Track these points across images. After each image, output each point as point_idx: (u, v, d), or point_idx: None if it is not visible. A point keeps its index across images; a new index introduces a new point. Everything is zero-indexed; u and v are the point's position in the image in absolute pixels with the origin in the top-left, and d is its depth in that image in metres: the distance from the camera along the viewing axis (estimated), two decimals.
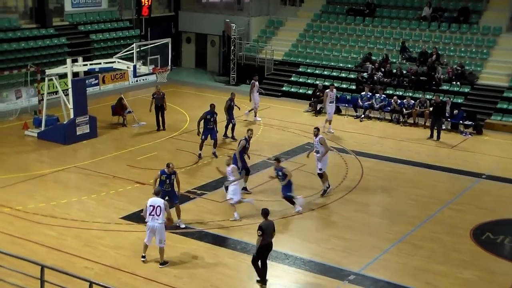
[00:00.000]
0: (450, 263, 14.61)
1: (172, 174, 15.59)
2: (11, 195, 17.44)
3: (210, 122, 20.90)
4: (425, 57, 29.46)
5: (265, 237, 13.02)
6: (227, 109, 23.02)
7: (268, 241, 13.15)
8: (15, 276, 11.45)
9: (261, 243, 13.01)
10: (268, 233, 13.13)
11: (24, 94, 27.32)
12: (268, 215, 13.42)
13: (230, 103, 23.15)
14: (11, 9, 30.75)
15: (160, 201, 13.77)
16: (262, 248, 13.10)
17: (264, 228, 13.04)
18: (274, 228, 13.38)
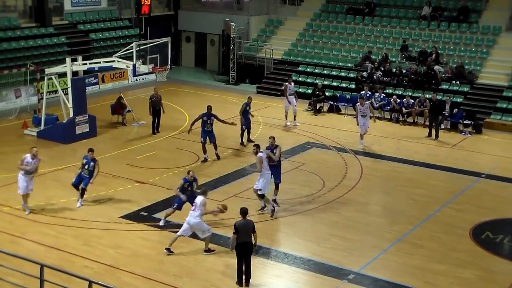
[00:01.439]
0: (449, 262, 14.61)
1: (193, 181, 15.85)
2: (11, 194, 17.42)
3: (207, 124, 20.63)
4: (425, 56, 29.47)
5: (240, 236, 12.96)
6: (242, 112, 22.49)
7: (243, 240, 13.02)
8: (15, 275, 11.45)
9: (237, 241, 12.99)
10: (244, 232, 13.01)
11: (23, 93, 27.33)
12: (247, 215, 13.32)
13: (245, 107, 22.49)
14: (11, 8, 30.72)
15: (199, 198, 14.36)
16: (238, 247, 13.05)
17: (238, 226, 13.00)
18: (254, 228, 13.25)
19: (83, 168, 16.73)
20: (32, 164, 16.22)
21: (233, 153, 21.88)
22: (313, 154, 22.13)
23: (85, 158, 16.84)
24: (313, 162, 21.06)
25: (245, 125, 22.50)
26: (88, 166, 16.66)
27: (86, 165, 16.69)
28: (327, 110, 28.20)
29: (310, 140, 23.71)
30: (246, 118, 22.48)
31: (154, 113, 23.84)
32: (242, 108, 22.58)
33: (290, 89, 25.57)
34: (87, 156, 16.83)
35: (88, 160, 16.73)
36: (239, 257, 13.14)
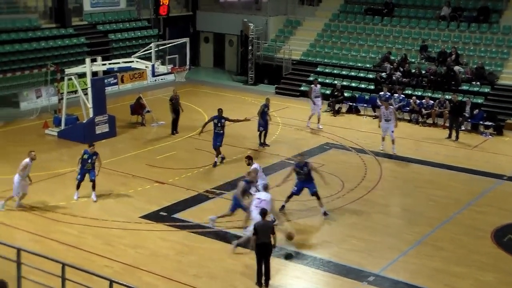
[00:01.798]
0: (470, 265, 14.49)
1: (251, 182, 15.73)
2: (32, 194, 17.55)
3: (218, 126, 20.49)
4: (444, 57, 29.25)
5: (259, 237, 12.93)
6: (260, 113, 22.32)
7: (263, 241, 12.97)
8: (37, 273, 11.53)
9: (256, 242, 12.97)
10: (264, 233, 12.95)
11: (44, 93, 27.58)
12: (266, 215, 13.26)
13: (263, 108, 22.36)
14: (31, 9, 31.04)
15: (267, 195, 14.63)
16: (257, 248, 13.03)
17: (257, 228, 12.97)
18: (273, 229, 13.15)
19: (87, 163, 17.05)
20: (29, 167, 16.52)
21: (252, 154, 21.83)
22: (332, 155, 22.07)
23: (85, 152, 17.12)
24: (332, 163, 21.00)
25: (263, 126, 22.40)
26: (91, 160, 16.95)
27: (89, 159, 16.99)
28: (346, 111, 28.12)
29: (329, 141, 23.65)
30: (264, 119, 22.38)
31: (176, 113, 23.96)
32: (260, 109, 22.51)
33: (315, 91, 25.36)
34: (87, 151, 17.13)
35: (90, 155, 17.00)
36: (259, 258, 13.12)
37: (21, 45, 28.37)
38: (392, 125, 22.40)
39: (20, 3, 30.85)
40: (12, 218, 16.06)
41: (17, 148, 21.72)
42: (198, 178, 19.41)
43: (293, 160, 17.76)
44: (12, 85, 25.51)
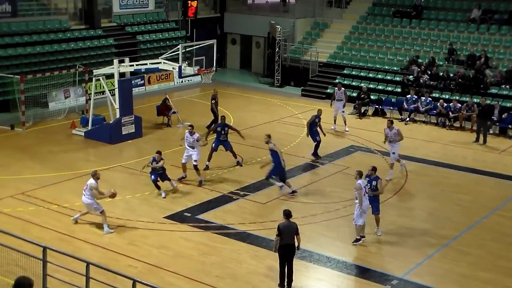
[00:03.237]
0: (497, 271, 14.28)
1: (374, 179, 15.60)
2: (59, 193, 17.82)
3: (222, 134, 20.27)
4: (473, 60, 28.90)
5: (283, 238, 12.84)
6: (310, 124, 21.48)
7: (287, 242, 12.88)
8: (62, 272, 11.68)
9: (280, 243, 12.87)
10: (288, 235, 12.88)
11: (72, 94, 27.92)
12: (291, 217, 13.14)
13: (314, 119, 21.43)
14: (62, 11, 31.46)
15: (364, 182, 15.23)
16: (280, 249, 12.94)
17: (281, 228, 12.87)
18: (298, 230, 13.04)
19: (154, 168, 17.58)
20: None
21: None
22: (357, 158, 21.95)
23: (153, 159, 17.67)
24: (357, 166, 20.73)
25: (313, 139, 21.49)
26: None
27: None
28: (372, 114, 27.95)
29: (355, 144, 23.53)
30: (311, 131, 21.46)
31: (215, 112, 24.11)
32: (310, 120, 21.66)
33: (337, 95, 25.34)
34: (155, 158, 17.66)
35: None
36: (282, 259, 13.09)
37: (51, 46, 28.77)
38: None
39: (50, 5, 31.29)
40: (40, 216, 16.28)
41: (45, 148, 22.09)
42: (223, 179, 19.46)
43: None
44: (41, 85, 25.87)
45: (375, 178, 15.59)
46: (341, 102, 25.25)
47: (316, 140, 21.46)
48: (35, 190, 18.04)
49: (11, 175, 19.17)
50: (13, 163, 20.34)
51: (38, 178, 19.06)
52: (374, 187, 15.45)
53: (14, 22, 28.20)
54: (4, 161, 20.49)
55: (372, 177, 15.64)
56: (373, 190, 15.44)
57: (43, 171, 19.74)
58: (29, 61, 27.76)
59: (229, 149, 20.54)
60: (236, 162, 20.63)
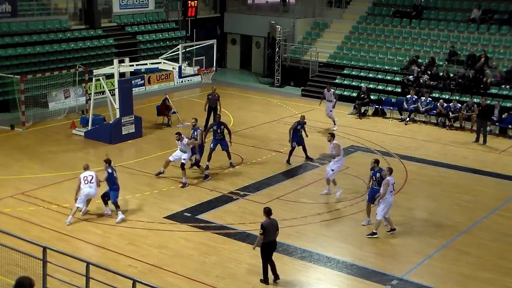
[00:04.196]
0: (497, 271, 14.28)
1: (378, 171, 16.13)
2: (59, 193, 17.81)
3: (218, 133, 20.17)
4: (473, 60, 28.90)
5: (267, 236, 13.05)
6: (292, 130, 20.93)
7: (271, 239, 13.16)
8: (62, 272, 11.69)
9: (263, 241, 13.08)
10: (271, 232, 13.13)
11: (72, 94, 27.92)
12: (271, 214, 13.32)
13: (296, 125, 20.95)
14: (62, 11, 31.46)
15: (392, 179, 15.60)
16: (266, 247, 13.16)
17: (265, 226, 13.06)
18: (278, 227, 13.34)
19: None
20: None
21: (276, 156, 21.86)
22: (357, 158, 21.95)
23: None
24: (357, 166, 20.88)
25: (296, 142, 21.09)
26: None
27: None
28: (372, 114, 27.95)
29: (355, 144, 23.53)
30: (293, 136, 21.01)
31: (209, 110, 24.12)
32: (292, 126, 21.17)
33: (327, 96, 25.48)
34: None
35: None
36: (268, 256, 13.29)
37: (51, 46, 28.76)
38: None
39: (50, 5, 31.28)
40: (40, 216, 16.28)
41: (45, 148, 22.09)
42: (223, 179, 19.46)
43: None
44: (41, 85, 25.87)
45: (379, 170, 16.01)
46: (331, 103, 25.28)
47: (291, 146, 20.97)
48: (35, 190, 18.04)
49: (11, 175, 19.18)
50: (13, 163, 20.35)
51: (38, 178, 19.06)
52: (379, 179, 15.82)
53: (14, 22, 28.19)
54: (4, 161, 20.50)
55: (376, 170, 16.07)
56: (378, 182, 15.81)
57: (43, 171, 19.74)
58: (29, 61, 27.76)
59: (225, 149, 20.41)
60: (229, 163, 20.44)
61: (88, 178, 16.01)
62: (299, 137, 21.11)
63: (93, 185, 15.98)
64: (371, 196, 16.15)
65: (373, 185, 16.07)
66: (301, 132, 21.14)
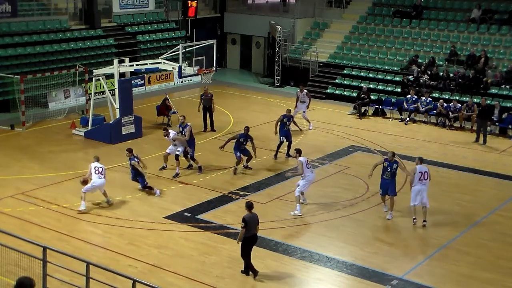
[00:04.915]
0: (497, 271, 14.28)
1: (394, 163, 16.71)
2: (59, 193, 17.82)
3: (242, 144, 19.81)
4: (473, 60, 28.90)
5: (248, 229, 13.18)
6: (278, 123, 21.47)
7: (252, 233, 13.30)
8: (62, 272, 11.69)
9: (246, 235, 13.20)
10: (252, 226, 13.25)
11: (72, 94, 27.92)
12: (252, 208, 13.45)
13: (282, 118, 21.40)
14: (62, 11, 31.46)
15: (425, 168, 16.45)
16: (248, 240, 13.30)
17: (247, 220, 13.18)
18: (258, 221, 13.46)
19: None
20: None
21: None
22: (357, 158, 21.96)
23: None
24: (357, 166, 20.89)
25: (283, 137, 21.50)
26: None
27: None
28: (372, 114, 27.95)
29: (355, 144, 23.53)
30: (280, 130, 21.52)
31: (204, 110, 24.28)
32: (278, 119, 21.65)
33: (300, 97, 25.28)
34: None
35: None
36: (249, 249, 13.43)
37: (51, 46, 28.76)
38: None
39: (50, 5, 31.28)
40: (40, 216, 16.28)
41: (45, 148, 22.09)
42: (223, 179, 19.47)
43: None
44: (41, 85, 25.87)
45: (395, 162, 16.71)
46: (304, 104, 25.20)
47: (280, 141, 21.26)
48: (35, 190, 18.04)
49: (11, 175, 19.18)
50: (13, 163, 20.35)
51: (38, 178, 19.06)
52: (394, 170, 16.59)
53: (14, 22, 28.19)
54: (4, 161, 20.50)
55: (392, 162, 16.71)
56: (393, 174, 16.58)
57: (43, 171, 19.75)
58: (29, 61, 27.76)
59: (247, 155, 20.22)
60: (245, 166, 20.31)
61: (99, 169, 16.76)
62: (287, 132, 21.41)
63: (103, 177, 16.74)
64: (384, 188, 16.81)
65: (386, 176, 16.66)
66: (288, 126, 21.39)
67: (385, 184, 16.74)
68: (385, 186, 16.77)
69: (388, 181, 16.65)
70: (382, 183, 16.89)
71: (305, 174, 16.86)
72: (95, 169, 16.75)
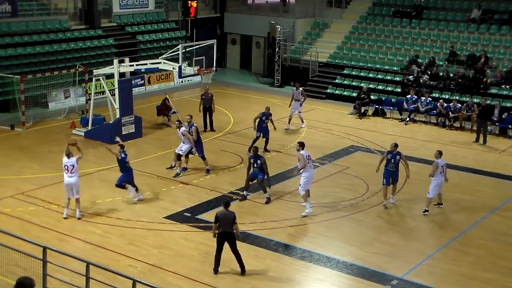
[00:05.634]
0: (497, 271, 14.28)
1: (397, 154, 17.36)
2: (59, 193, 17.78)
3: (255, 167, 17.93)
4: (473, 60, 28.90)
5: (220, 226, 13.28)
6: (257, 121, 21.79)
7: (224, 230, 13.33)
8: (62, 272, 11.69)
9: (218, 231, 13.33)
10: (224, 223, 13.27)
11: (72, 94, 27.92)
12: (228, 206, 13.52)
13: (261, 116, 21.80)
14: (62, 11, 31.47)
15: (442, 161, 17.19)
16: (218, 237, 13.38)
17: (218, 216, 13.31)
18: (234, 220, 13.34)
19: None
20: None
21: (276, 156, 21.86)
22: (357, 158, 21.96)
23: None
24: (357, 166, 20.90)
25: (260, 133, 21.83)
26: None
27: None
28: (372, 114, 27.96)
29: (355, 144, 23.53)
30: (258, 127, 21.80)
31: (204, 110, 24.26)
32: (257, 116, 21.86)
33: (295, 95, 25.22)
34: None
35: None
36: (218, 245, 13.50)
37: (51, 46, 28.77)
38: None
39: (50, 5, 31.29)
40: (40, 216, 16.28)
41: (45, 148, 22.08)
42: (223, 179, 19.47)
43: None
44: (41, 85, 25.87)
45: (398, 153, 17.38)
46: (298, 102, 25.19)
47: (256, 136, 21.56)
48: (35, 190, 18.05)
49: (11, 175, 19.18)
50: (13, 163, 20.35)
51: (38, 178, 19.07)
52: (397, 161, 17.33)
53: (14, 22, 28.19)
54: (4, 161, 20.50)
55: (394, 153, 17.37)
56: (396, 164, 17.32)
57: (43, 171, 19.75)
58: (29, 61, 27.76)
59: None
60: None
61: (68, 167, 16.01)
62: (265, 129, 21.78)
63: (73, 175, 15.96)
64: (388, 178, 17.44)
65: (390, 167, 17.39)
66: (266, 124, 21.76)
67: (390, 174, 17.46)
68: (389, 176, 17.47)
69: (393, 172, 17.46)
70: (386, 174, 17.50)
71: (306, 167, 16.70)
72: (64, 167, 16.05)
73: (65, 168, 16.05)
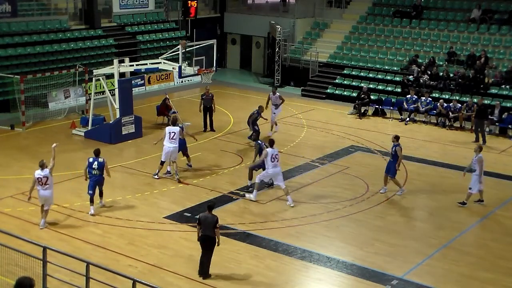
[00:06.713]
0: (497, 271, 14.27)
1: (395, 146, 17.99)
2: (58, 193, 17.72)
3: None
4: (473, 60, 28.90)
5: (201, 229, 13.23)
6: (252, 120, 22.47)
7: (205, 233, 13.24)
8: (62, 272, 11.69)
9: (200, 233, 13.32)
10: (205, 226, 13.17)
11: (72, 94, 27.91)
12: (212, 209, 13.42)
13: (256, 116, 22.59)
14: (62, 11, 31.47)
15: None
16: (200, 239, 13.36)
17: (200, 219, 13.28)
18: (216, 224, 13.14)
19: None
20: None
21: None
22: (357, 158, 21.95)
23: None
24: (357, 166, 20.90)
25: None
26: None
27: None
28: (372, 114, 27.95)
29: (355, 144, 23.53)
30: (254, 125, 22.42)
31: (205, 110, 24.28)
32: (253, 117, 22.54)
33: (272, 99, 24.71)
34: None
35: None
36: (202, 248, 13.44)
37: (51, 46, 28.76)
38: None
39: (50, 5, 31.29)
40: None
41: (46, 148, 22.00)
42: (223, 179, 19.46)
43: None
44: (41, 85, 25.87)
45: (396, 145, 18.04)
46: (275, 106, 24.76)
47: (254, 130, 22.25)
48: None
49: (11, 175, 19.18)
50: (13, 163, 20.35)
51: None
52: (394, 152, 18.02)
53: (14, 22, 28.19)
54: (4, 161, 20.50)
55: (395, 144, 18.09)
56: (393, 155, 18.05)
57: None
58: (29, 61, 27.76)
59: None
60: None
61: (41, 179, 15.31)
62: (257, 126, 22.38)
63: (46, 187, 15.30)
64: (388, 167, 18.28)
65: (390, 158, 18.21)
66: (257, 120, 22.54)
67: (388, 163, 18.41)
68: (387, 166, 18.35)
69: (390, 162, 18.23)
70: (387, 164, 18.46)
71: (267, 166, 17.38)
72: (37, 179, 15.23)
73: (38, 181, 15.21)
